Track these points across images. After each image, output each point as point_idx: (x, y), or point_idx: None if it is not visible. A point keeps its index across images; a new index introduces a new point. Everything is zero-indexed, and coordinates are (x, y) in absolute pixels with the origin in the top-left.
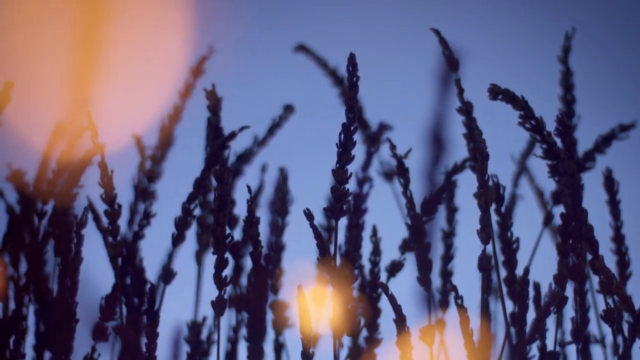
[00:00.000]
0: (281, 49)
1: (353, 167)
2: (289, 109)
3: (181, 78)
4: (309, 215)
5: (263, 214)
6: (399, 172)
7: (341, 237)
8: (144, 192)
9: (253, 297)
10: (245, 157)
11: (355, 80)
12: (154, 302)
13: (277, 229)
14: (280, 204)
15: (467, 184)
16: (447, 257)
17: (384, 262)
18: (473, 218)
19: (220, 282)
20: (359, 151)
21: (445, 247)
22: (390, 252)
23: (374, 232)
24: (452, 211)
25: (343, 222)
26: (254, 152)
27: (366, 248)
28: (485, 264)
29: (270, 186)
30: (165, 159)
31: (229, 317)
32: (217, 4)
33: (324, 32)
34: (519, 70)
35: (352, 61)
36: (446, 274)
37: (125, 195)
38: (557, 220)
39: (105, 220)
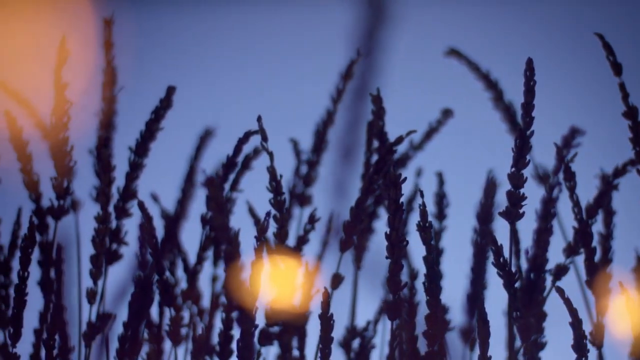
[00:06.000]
0: (430, 53)
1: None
2: (447, 113)
3: (333, 82)
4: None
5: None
6: (565, 176)
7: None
8: (300, 197)
9: (429, 301)
10: (401, 162)
11: (532, 84)
12: (328, 307)
13: (436, 234)
14: (438, 208)
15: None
16: (605, 261)
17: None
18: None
19: (395, 286)
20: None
21: (602, 251)
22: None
23: None
24: (609, 214)
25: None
26: (410, 156)
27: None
28: None
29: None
30: (321, 163)
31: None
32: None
33: (472, 36)
34: None
35: (529, 66)
36: (606, 277)
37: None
38: None
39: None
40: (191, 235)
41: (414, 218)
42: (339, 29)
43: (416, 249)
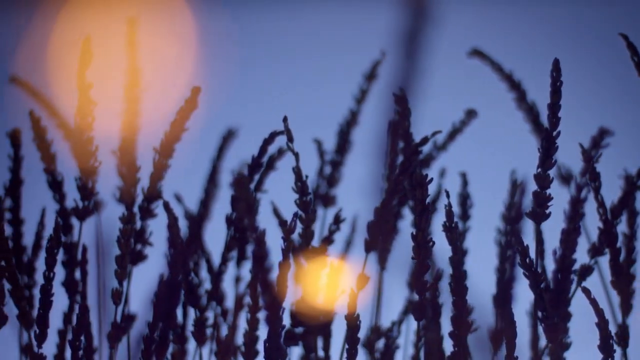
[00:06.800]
0: (454, 53)
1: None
2: (471, 114)
3: (355, 83)
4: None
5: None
6: (591, 177)
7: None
8: (324, 197)
9: (455, 302)
10: (425, 162)
11: (558, 85)
12: (355, 308)
13: (460, 234)
14: (462, 209)
15: None
16: (629, 261)
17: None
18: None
19: (421, 286)
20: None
21: (626, 251)
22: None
23: None
24: (633, 215)
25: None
26: (434, 156)
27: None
28: None
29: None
30: (344, 164)
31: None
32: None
33: (496, 37)
34: None
35: (556, 66)
36: (629, 277)
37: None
38: None
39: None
40: (214, 236)
41: (437, 219)
42: (372, 30)
43: (439, 250)
